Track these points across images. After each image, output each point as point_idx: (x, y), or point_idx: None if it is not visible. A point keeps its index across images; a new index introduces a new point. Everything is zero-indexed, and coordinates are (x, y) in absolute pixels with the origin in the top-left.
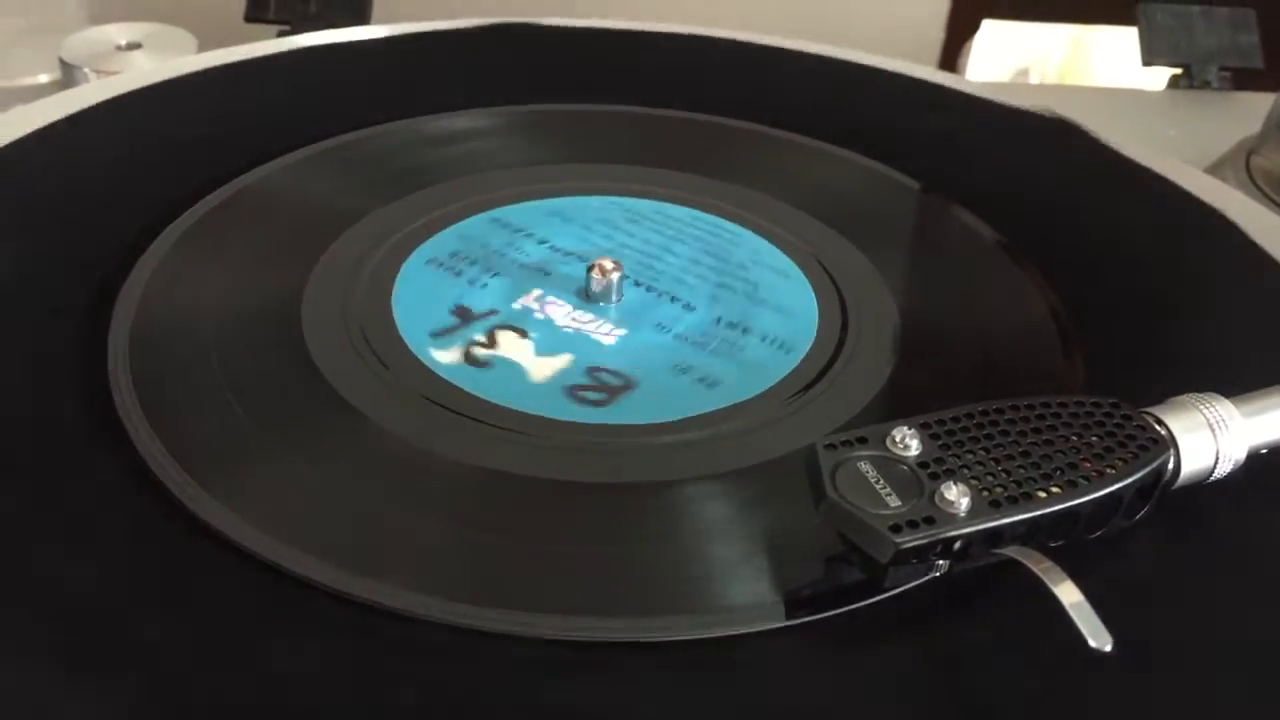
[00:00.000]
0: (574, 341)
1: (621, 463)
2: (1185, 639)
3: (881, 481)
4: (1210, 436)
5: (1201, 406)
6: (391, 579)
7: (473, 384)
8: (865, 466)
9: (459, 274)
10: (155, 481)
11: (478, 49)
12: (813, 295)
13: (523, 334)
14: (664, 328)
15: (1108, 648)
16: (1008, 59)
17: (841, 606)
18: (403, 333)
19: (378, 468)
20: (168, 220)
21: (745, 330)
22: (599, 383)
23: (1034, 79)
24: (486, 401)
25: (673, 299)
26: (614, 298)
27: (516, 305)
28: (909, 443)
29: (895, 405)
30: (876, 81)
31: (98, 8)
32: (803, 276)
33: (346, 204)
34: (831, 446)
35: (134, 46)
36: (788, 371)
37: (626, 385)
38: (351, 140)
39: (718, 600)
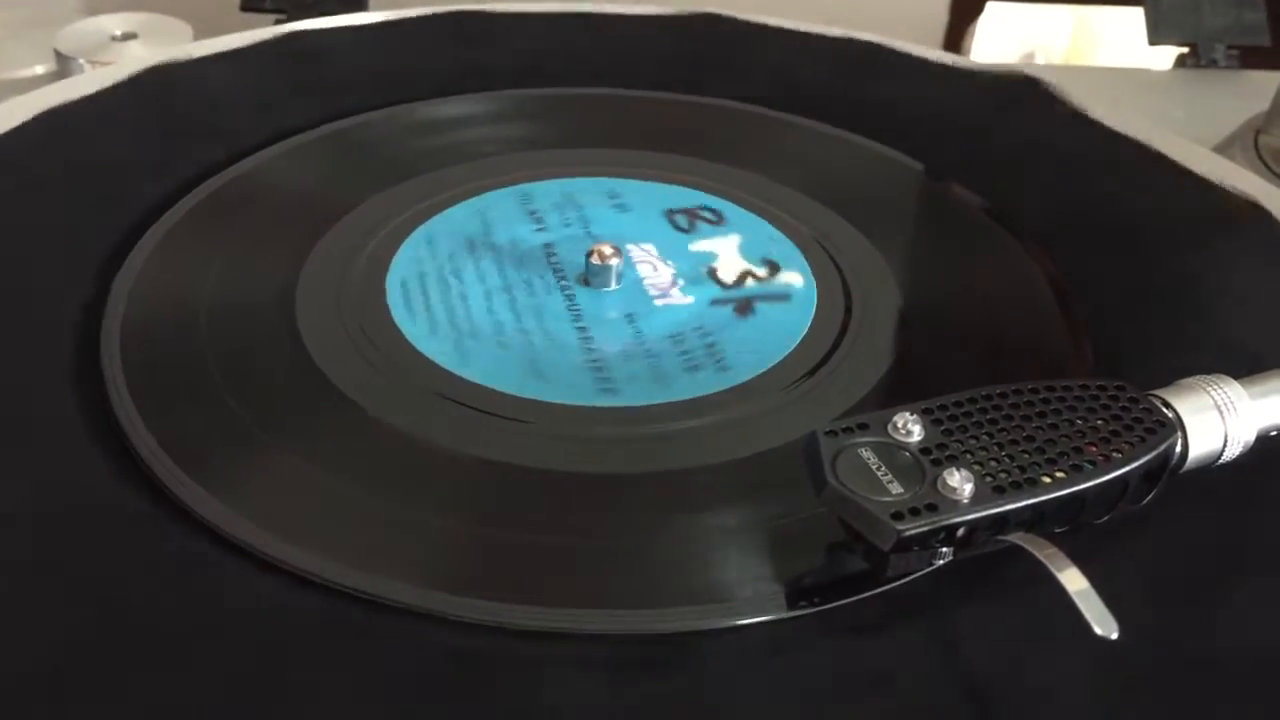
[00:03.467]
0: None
1: (619, 452)
2: (1197, 624)
3: (883, 468)
4: (1218, 419)
5: (1209, 388)
6: (390, 573)
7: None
8: (866, 453)
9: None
10: (149, 476)
11: (475, 33)
12: (814, 279)
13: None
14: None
15: (1114, 635)
16: (1012, 41)
17: (845, 597)
18: (398, 322)
19: (374, 460)
20: (161, 211)
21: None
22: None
23: (1039, 60)
24: (484, 389)
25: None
26: (612, 283)
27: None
28: (911, 428)
29: (898, 390)
30: (877, 61)
31: None
32: (804, 260)
33: (341, 192)
34: (832, 433)
35: (129, 37)
36: (786, 357)
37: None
38: (347, 128)
39: (717, 591)
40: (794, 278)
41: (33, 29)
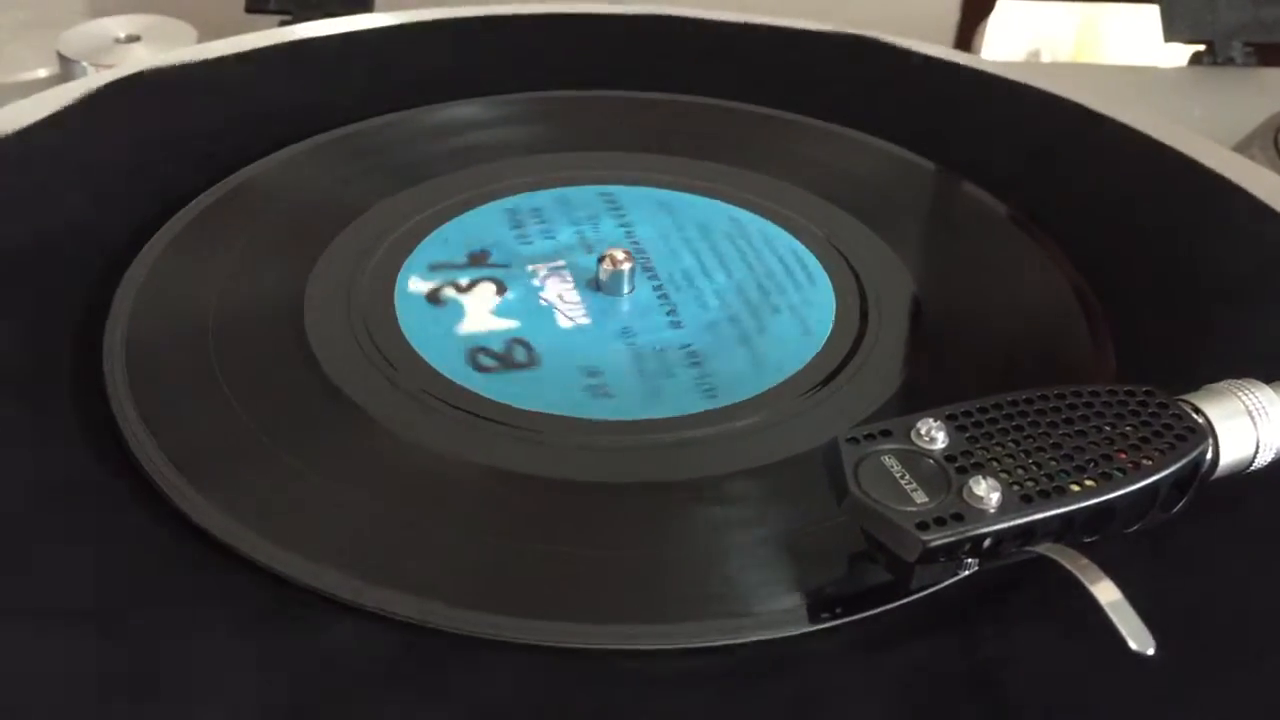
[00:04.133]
0: (535, 314)
1: (633, 461)
2: (1229, 637)
3: (907, 476)
4: (1250, 424)
5: (1240, 393)
6: (395, 584)
7: (420, 324)
8: (890, 461)
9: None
10: (151, 485)
11: (483, 37)
12: (830, 283)
13: (502, 289)
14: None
15: (1150, 650)
16: (1024, 39)
17: (867, 609)
18: (406, 330)
19: (382, 470)
20: (167, 215)
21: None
22: (504, 351)
23: (1048, 58)
24: (495, 401)
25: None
26: (625, 289)
27: (532, 269)
28: (935, 435)
29: (919, 397)
30: (889, 60)
31: (96, 1)
32: (819, 263)
33: (350, 197)
34: (854, 440)
35: (133, 39)
36: (805, 364)
37: (529, 363)
38: (355, 132)
39: (734, 605)
40: None
41: (35, 31)
